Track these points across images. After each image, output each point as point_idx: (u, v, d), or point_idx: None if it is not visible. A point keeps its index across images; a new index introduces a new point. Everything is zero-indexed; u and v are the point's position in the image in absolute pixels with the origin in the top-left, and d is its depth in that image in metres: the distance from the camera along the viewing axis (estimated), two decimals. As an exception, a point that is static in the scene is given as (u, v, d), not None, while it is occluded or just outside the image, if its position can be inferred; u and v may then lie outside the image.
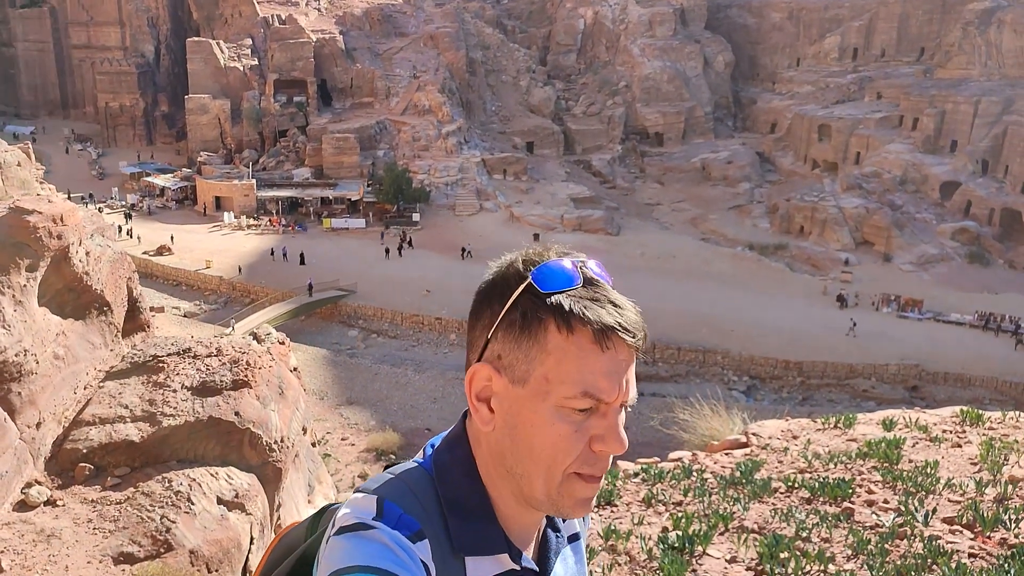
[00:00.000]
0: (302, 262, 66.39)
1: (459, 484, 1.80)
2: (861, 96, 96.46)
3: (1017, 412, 11.75)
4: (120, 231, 69.17)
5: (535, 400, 1.70)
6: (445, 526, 1.76)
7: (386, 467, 1.90)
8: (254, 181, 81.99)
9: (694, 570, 7.24)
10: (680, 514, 8.41)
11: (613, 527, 7.80)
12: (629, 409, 1.79)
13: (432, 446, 1.92)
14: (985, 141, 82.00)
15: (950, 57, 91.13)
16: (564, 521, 2.02)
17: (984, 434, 10.61)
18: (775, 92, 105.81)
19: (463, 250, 70.94)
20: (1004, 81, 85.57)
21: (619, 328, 1.69)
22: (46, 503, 6.45)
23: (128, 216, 76.83)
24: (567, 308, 1.68)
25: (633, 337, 1.70)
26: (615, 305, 1.73)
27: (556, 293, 1.70)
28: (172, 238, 70.96)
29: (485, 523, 1.80)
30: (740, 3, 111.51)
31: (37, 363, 7.02)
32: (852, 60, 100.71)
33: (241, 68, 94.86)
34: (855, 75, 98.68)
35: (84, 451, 6.95)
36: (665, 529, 8.19)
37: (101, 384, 7.85)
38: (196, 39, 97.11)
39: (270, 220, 78.41)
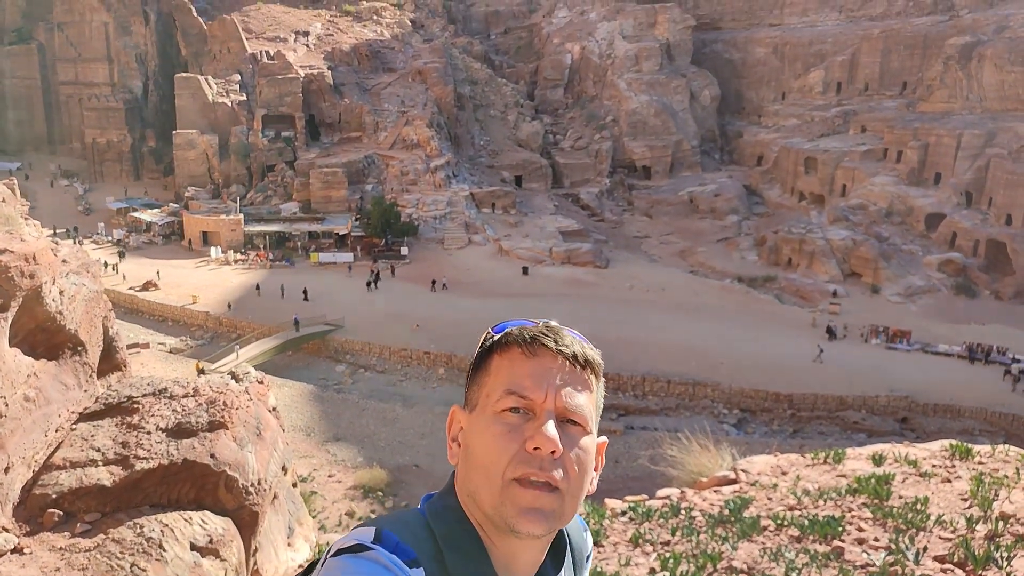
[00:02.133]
0: (305, 298, 66.00)
1: (453, 526, 1.88)
2: (846, 129, 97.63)
3: (1007, 446, 11.65)
4: (106, 266, 68.94)
5: (480, 416, 1.87)
6: (439, 561, 1.80)
7: None
8: (242, 216, 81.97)
9: (682, 613, 7.07)
10: (668, 554, 8.25)
11: (600, 569, 7.63)
12: (592, 433, 1.88)
13: (427, 499, 2.01)
14: (969, 173, 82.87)
15: (932, 91, 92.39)
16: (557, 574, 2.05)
17: (974, 468, 10.50)
18: (761, 125, 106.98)
19: (433, 283, 70.82)
20: (986, 115, 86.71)
21: (543, 337, 1.86)
22: (13, 551, 6.25)
23: (122, 254, 76.48)
24: (506, 334, 1.91)
25: (555, 345, 1.85)
26: (553, 330, 1.90)
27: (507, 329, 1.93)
28: (158, 273, 70.66)
29: (479, 560, 1.85)
30: (725, 38, 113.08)
31: (7, 406, 6.84)
32: (836, 94, 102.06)
33: (229, 103, 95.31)
34: (839, 108, 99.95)
35: (53, 496, 6.74)
36: (652, 570, 8.02)
37: (74, 426, 7.66)
38: (184, 75, 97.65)
39: (256, 255, 78.26)
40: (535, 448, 1.77)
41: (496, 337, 1.92)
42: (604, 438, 1.96)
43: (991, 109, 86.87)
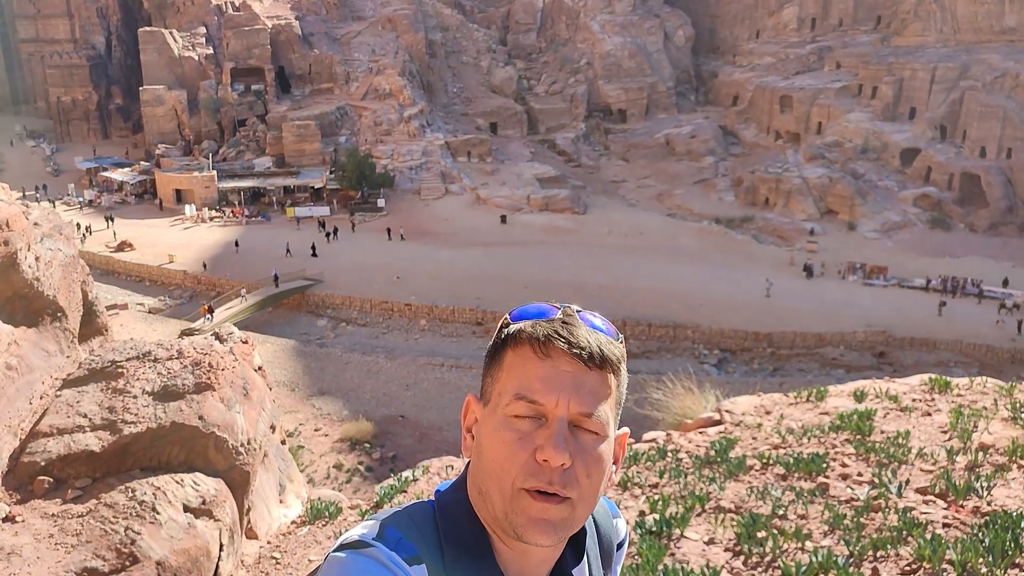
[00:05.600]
0: (314, 254, 65.33)
1: (459, 521, 1.85)
2: (821, 66, 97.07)
3: (984, 378, 11.86)
4: (79, 228, 67.87)
5: (491, 414, 1.80)
6: (442, 559, 1.80)
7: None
8: (215, 172, 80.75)
9: (672, 553, 7.20)
10: (656, 497, 8.38)
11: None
12: (609, 438, 1.79)
13: (440, 490, 1.98)
14: (943, 107, 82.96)
15: (906, 24, 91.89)
16: None
17: (953, 401, 10.69)
18: (736, 65, 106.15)
19: (389, 231, 70.83)
20: (960, 47, 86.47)
21: (556, 337, 1.76)
22: (5, 519, 6.24)
23: (110, 219, 74.24)
24: (519, 328, 1.81)
25: (568, 346, 1.75)
26: (568, 326, 1.79)
27: (522, 322, 1.83)
28: (115, 234, 69.42)
29: (482, 559, 1.83)
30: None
31: (-11, 375, 6.79)
32: (811, 30, 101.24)
33: (196, 57, 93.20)
34: (814, 45, 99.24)
35: (42, 463, 6.72)
36: (642, 513, 8.15)
37: (58, 393, 7.61)
38: (148, 29, 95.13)
39: (232, 212, 77.38)
40: (544, 460, 1.72)
41: (512, 328, 1.84)
42: (625, 429, 1.90)
43: (965, 41, 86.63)
